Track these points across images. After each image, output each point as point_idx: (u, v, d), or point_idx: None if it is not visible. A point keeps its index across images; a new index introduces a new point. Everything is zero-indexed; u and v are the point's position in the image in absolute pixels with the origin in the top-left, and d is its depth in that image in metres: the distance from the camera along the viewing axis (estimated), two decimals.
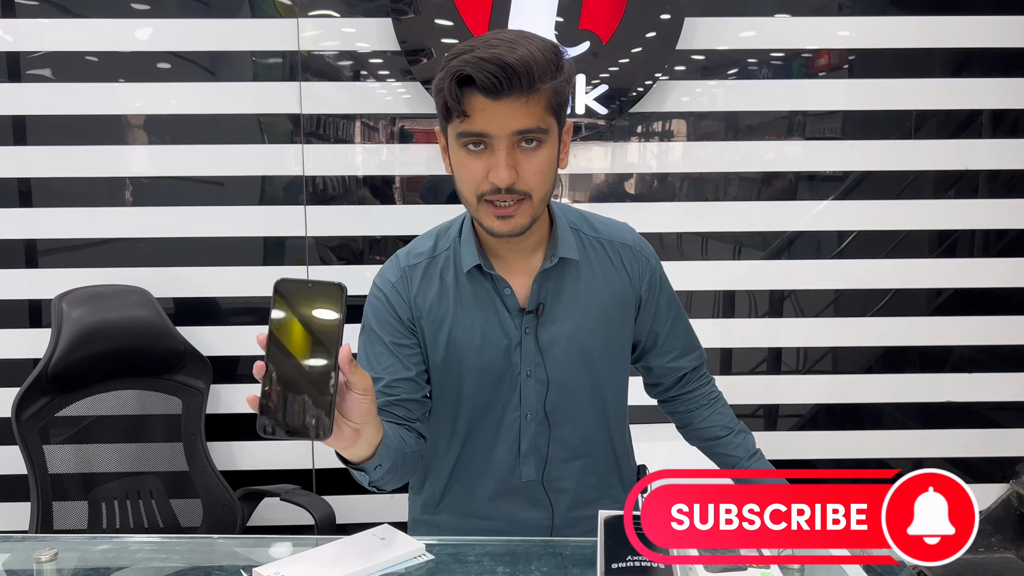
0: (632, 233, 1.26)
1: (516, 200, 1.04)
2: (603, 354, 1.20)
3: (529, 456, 1.19)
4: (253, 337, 2.15)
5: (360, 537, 1.00)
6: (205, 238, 2.16)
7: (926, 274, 2.26)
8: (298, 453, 2.25)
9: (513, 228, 1.06)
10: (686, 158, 2.20)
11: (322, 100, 2.12)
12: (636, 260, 1.22)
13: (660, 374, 1.32)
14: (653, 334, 1.27)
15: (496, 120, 1.00)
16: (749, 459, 1.28)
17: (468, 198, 1.07)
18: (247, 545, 1.13)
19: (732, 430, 1.30)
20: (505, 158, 1.01)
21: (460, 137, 1.03)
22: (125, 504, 1.99)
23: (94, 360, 1.92)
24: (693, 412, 1.32)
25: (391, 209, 2.19)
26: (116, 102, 2.10)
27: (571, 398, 1.19)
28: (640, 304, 1.23)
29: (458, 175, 1.08)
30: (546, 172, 1.06)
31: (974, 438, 2.32)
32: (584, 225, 1.21)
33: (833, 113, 2.20)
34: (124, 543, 1.12)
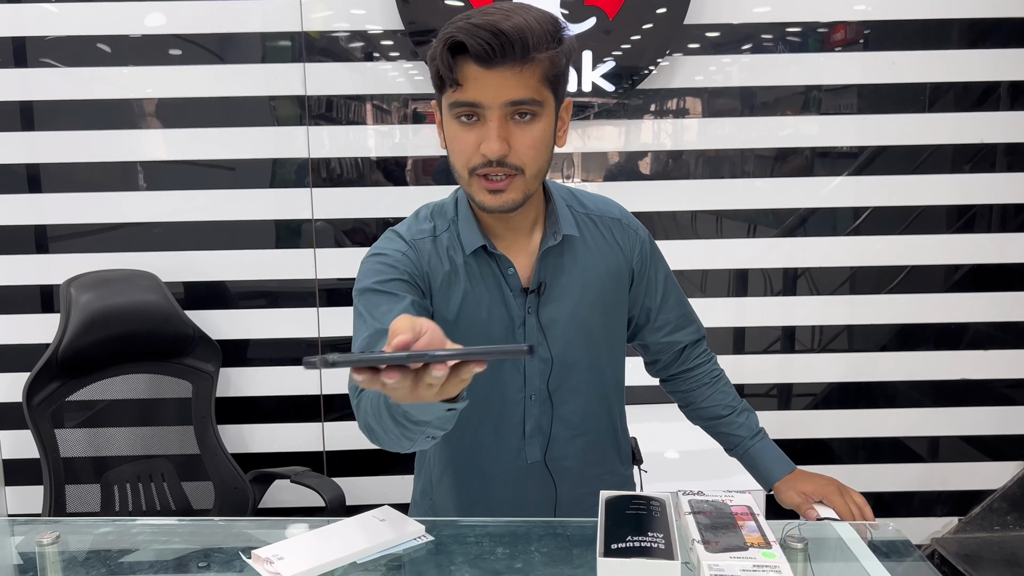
0: (620, 208, 1.25)
1: (507, 175, 1.02)
2: (602, 330, 1.19)
3: (533, 437, 1.17)
4: (262, 321, 2.15)
5: (360, 519, 1.00)
6: (215, 222, 2.16)
7: (942, 250, 2.22)
8: (309, 436, 2.26)
9: (504, 203, 1.03)
10: (699, 136, 2.17)
11: (328, 81, 2.11)
12: (626, 233, 1.21)
13: (657, 350, 1.30)
14: (646, 308, 1.25)
15: (489, 89, 0.98)
16: (753, 438, 1.26)
17: (460, 172, 1.05)
18: (250, 527, 1.12)
19: (735, 409, 1.28)
20: (497, 129, 0.99)
21: (452, 107, 1.01)
22: (137, 487, 2.00)
23: (103, 345, 1.93)
24: (695, 391, 1.31)
25: (403, 191, 2.17)
26: (122, 87, 2.10)
27: (573, 376, 1.17)
28: (633, 277, 1.22)
29: (450, 148, 1.05)
30: (540, 147, 1.03)
31: (990, 416, 2.29)
32: (574, 202, 1.20)
33: (848, 88, 2.16)
34: (126, 526, 1.12)
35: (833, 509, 1.17)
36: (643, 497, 0.96)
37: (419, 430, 0.87)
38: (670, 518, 0.92)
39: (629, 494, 0.97)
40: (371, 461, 2.27)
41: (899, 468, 2.32)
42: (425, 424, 0.85)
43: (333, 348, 2.22)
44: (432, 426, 0.86)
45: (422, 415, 0.83)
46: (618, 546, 0.85)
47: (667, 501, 0.96)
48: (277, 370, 2.23)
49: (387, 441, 0.94)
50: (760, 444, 1.26)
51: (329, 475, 2.25)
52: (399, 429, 0.88)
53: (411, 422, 0.86)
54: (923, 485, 2.32)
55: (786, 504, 1.24)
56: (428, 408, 0.80)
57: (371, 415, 0.93)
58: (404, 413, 0.84)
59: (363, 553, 0.96)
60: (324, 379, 2.23)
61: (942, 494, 2.33)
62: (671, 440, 1.95)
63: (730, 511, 0.93)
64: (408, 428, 0.87)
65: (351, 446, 2.27)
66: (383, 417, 0.89)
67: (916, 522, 2.33)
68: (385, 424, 0.90)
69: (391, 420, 0.88)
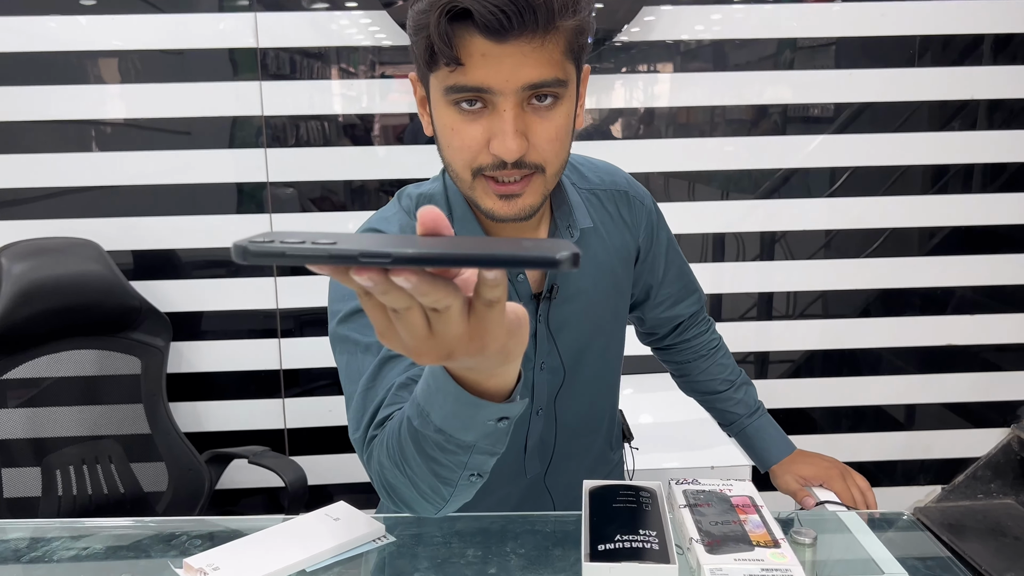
0: (624, 176, 1.08)
1: (524, 175, 0.81)
2: (611, 322, 1.04)
3: (535, 451, 1.03)
4: (215, 292, 2.00)
5: (311, 518, 0.87)
6: (166, 185, 2.00)
7: (924, 212, 2.13)
8: (268, 413, 2.13)
9: (520, 211, 0.83)
10: (672, 93, 2.05)
11: (282, 34, 1.95)
12: (632, 207, 1.05)
13: (654, 324, 1.18)
14: (647, 286, 1.12)
15: (501, 70, 0.76)
16: (751, 416, 1.16)
17: (460, 172, 0.83)
18: (184, 527, 0.97)
19: (733, 383, 1.18)
20: (513, 122, 0.77)
21: (450, 92, 0.79)
22: (82, 470, 1.87)
23: (40, 319, 1.78)
24: (691, 363, 1.20)
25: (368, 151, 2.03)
26: (55, 39, 1.92)
27: (581, 382, 1.03)
28: (638, 255, 1.08)
29: (445, 142, 0.83)
30: (563, 138, 0.83)
31: (974, 382, 2.23)
32: (575, 176, 1.03)
33: (828, 41, 2.04)
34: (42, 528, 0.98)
35: (834, 494, 1.08)
36: (631, 487, 0.86)
37: (460, 460, 0.65)
38: (663, 512, 0.82)
39: (616, 484, 0.87)
40: (335, 439, 2.16)
41: (881, 437, 2.25)
42: (468, 448, 0.63)
43: (295, 321, 2.09)
44: (478, 450, 0.64)
45: (463, 431, 0.62)
46: (606, 547, 0.74)
47: (658, 492, 0.86)
48: (232, 343, 2.09)
49: (415, 495, 0.72)
50: (757, 423, 1.16)
51: (291, 454, 2.14)
52: (431, 467, 0.67)
53: (449, 448, 0.63)
54: (905, 454, 2.27)
55: (782, 489, 1.15)
56: (471, 417, 0.60)
57: (389, 463, 0.73)
58: (438, 430, 0.63)
59: (313, 559, 0.83)
60: (285, 353, 2.10)
61: (925, 462, 2.28)
62: (654, 411, 1.86)
63: (730, 503, 0.83)
64: (443, 463, 0.66)
65: (313, 423, 2.14)
66: (408, 453, 0.68)
67: (898, 491, 2.28)
68: (412, 466, 0.69)
69: (419, 455, 0.67)
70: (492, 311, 0.46)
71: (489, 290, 0.45)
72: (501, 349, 0.50)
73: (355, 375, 0.85)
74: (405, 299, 0.44)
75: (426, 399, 0.62)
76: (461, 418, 0.60)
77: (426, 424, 0.63)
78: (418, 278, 0.42)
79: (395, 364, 0.82)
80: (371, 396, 0.81)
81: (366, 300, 0.46)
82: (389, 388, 0.80)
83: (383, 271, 0.42)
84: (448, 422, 0.61)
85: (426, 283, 0.42)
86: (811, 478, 1.13)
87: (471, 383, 0.57)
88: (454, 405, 0.59)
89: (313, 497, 2.14)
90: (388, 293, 0.43)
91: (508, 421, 0.61)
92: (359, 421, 0.82)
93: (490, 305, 0.46)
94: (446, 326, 0.46)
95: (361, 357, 0.85)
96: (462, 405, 0.58)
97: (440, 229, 0.43)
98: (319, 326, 2.08)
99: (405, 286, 0.42)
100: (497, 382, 0.57)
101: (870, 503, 1.09)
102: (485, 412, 0.58)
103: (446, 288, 0.43)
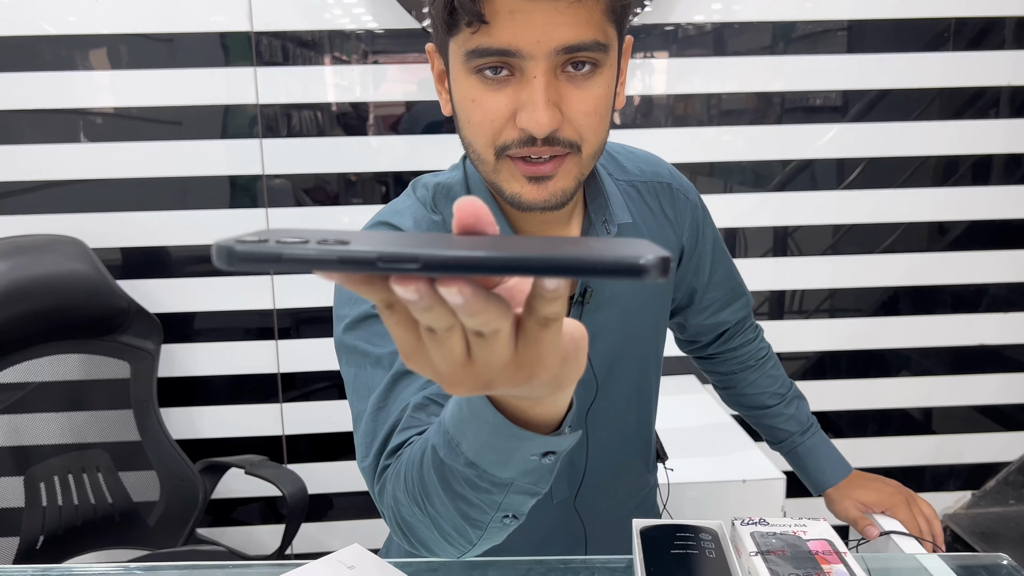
0: (667, 167, 0.97)
1: (557, 154, 0.71)
2: (652, 332, 0.93)
3: (563, 473, 0.91)
4: (208, 291, 1.88)
5: (319, 566, 0.76)
6: (155, 178, 1.88)
7: (956, 205, 2.02)
8: (266, 419, 2.02)
9: (551, 196, 0.72)
10: (670, 81, 1.92)
11: (276, 17, 1.83)
12: (676, 201, 0.94)
13: (697, 332, 1.07)
14: (690, 289, 1.01)
15: (531, 30, 0.65)
16: (803, 433, 1.06)
17: (482, 152, 0.73)
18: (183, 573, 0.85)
19: (783, 397, 1.07)
20: (544, 91, 0.67)
21: (472, 57, 0.69)
22: (67, 480, 1.76)
23: (21, 321, 1.67)
24: (736, 374, 1.08)
25: (364, 141, 1.91)
26: (36, 24, 1.79)
27: (616, 396, 0.91)
28: (682, 256, 0.96)
29: (465, 117, 0.73)
30: (602, 112, 0.72)
31: (1006, 384, 2.13)
32: (612, 166, 0.91)
33: (841, 24, 1.93)
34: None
35: (900, 523, 0.98)
36: (689, 528, 0.75)
37: (493, 500, 0.54)
38: (729, 559, 0.71)
39: (671, 523, 0.76)
40: (336, 445, 2.05)
41: (907, 441, 2.15)
42: (504, 487, 0.52)
43: (293, 318, 1.98)
44: (515, 489, 0.53)
45: (500, 466, 0.51)
46: None
47: (720, 534, 0.75)
48: (227, 345, 1.98)
49: (436, 536, 0.61)
50: (810, 441, 1.06)
51: (289, 461, 2.03)
52: (458, 507, 0.56)
53: (481, 486, 0.52)
54: (933, 458, 2.17)
55: (840, 517, 1.04)
56: (511, 451, 0.49)
57: (407, 499, 0.62)
58: (469, 464, 0.52)
59: None
60: (282, 355, 1.99)
61: (955, 467, 2.18)
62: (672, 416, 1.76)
63: (807, 549, 0.72)
64: (474, 503, 0.54)
65: (313, 429, 2.03)
66: (431, 488, 0.57)
67: (927, 497, 2.15)
68: (435, 503, 0.58)
69: (445, 491, 0.56)
70: (547, 332, 0.37)
71: (547, 305, 0.35)
72: (553, 379, 0.40)
73: (364, 391, 0.75)
74: (448, 318, 0.34)
75: (456, 426, 0.52)
76: (498, 451, 0.49)
77: (455, 456, 0.53)
78: (472, 291, 0.32)
79: (410, 380, 0.71)
80: (383, 418, 0.71)
81: (389, 316, 0.36)
82: (404, 409, 0.70)
83: (430, 281, 0.32)
84: (482, 455, 0.51)
85: (480, 300, 0.33)
86: (873, 505, 1.02)
87: (513, 410, 0.47)
88: (491, 436, 0.48)
89: (313, 507, 2.03)
90: (431, 310, 0.33)
91: (554, 457, 0.50)
92: (368, 447, 0.71)
93: (545, 325, 0.36)
94: (489, 353, 0.36)
95: (371, 371, 0.74)
96: (501, 437, 0.48)
97: (482, 225, 0.33)
98: (318, 325, 1.97)
99: (455, 302, 0.32)
100: (544, 410, 0.47)
101: (936, 533, 0.99)
102: (528, 446, 0.48)
103: (499, 308, 0.34)
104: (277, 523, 2.08)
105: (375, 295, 0.34)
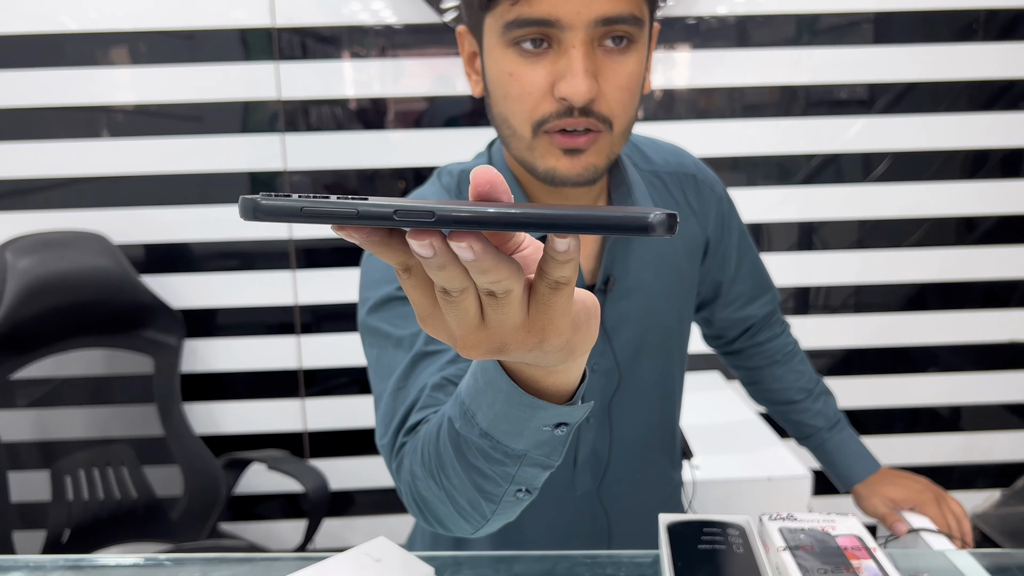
0: (692, 158, 0.96)
1: (591, 128, 0.72)
2: (676, 323, 0.92)
3: (586, 464, 0.91)
4: (231, 286, 1.89)
5: (347, 558, 0.75)
6: (177, 174, 1.89)
7: (973, 200, 1.99)
8: (287, 414, 2.02)
9: (584, 170, 0.73)
10: (694, 73, 1.91)
11: (298, 12, 1.82)
12: (701, 193, 0.93)
13: (724, 326, 1.06)
14: (716, 283, 1.00)
15: (571, 0, 0.68)
16: (831, 428, 1.04)
17: (519, 128, 0.74)
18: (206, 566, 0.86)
19: (810, 392, 1.05)
20: (583, 59, 0.69)
21: (511, 28, 0.71)
22: (93, 474, 1.77)
23: (47, 316, 1.68)
24: (762, 369, 1.07)
25: (383, 136, 1.90)
26: (58, 20, 1.81)
27: (640, 386, 0.91)
28: (707, 248, 0.95)
29: (502, 91, 0.74)
30: (635, 89, 0.74)
31: None
32: (637, 156, 0.91)
33: (867, 16, 1.90)
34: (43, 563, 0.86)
35: (929, 520, 0.96)
36: (717, 523, 0.74)
37: (507, 473, 0.54)
38: (757, 555, 0.69)
39: (698, 519, 0.75)
40: (358, 441, 2.04)
41: (936, 439, 2.12)
42: (517, 458, 0.53)
43: (314, 314, 1.98)
44: (529, 461, 0.53)
45: (514, 437, 0.51)
46: None
47: (748, 529, 0.74)
48: (249, 341, 1.98)
49: (451, 511, 0.62)
50: (838, 437, 1.04)
51: (311, 457, 2.03)
52: (473, 479, 0.56)
53: (495, 457, 0.53)
54: (962, 457, 2.13)
55: (868, 513, 1.02)
56: (524, 421, 0.49)
57: (423, 473, 0.62)
58: (483, 435, 0.52)
59: None
60: (304, 351, 1.99)
61: (983, 466, 2.15)
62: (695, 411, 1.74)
63: (836, 545, 0.70)
64: (488, 475, 0.55)
65: (334, 425, 2.03)
66: (447, 461, 0.58)
67: (956, 496, 2.13)
68: (450, 476, 0.58)
69: (460, 463, 0.56)
70: (558, 296, 0.38)
71: (558, 268, 0.36)
72: (564, 345, 0.41)
73: (385, 372, 0.76)
74: (462, 278, 0.36)
75: (472, 397, 0.53)
76: (512, 421, 0.50)
77: (470, 427, 0.54)
78: (483, 247, 0.34)
79: (430, 361, 0.72)
80: (402, 397, 0.72)
81: (407, 279, 0.38)
82: (423, 388, 0.71)
83: (443, 236, 0.34)
84: (496, 425, 0.51)
85: (491, 255, 0.34)
86: (902, 501, 1.00)
87: (527, 379, 0.47)
88: (504, 405, 0.49)
89: (335, 503, 2.03)
90: (445, 268, 0.35)
91: (567, 428, 0.51)
92: (387, 425, 0.72)
93: (556, 288, 0.37)
94: (503, 315, 0.38)
95: (392, 352, 0.76)
96: (514, 406, 0.49)
97: (497, 192, 0.35)
98: (340, 320, 1.97)
99: (466, 256, 0.34)
100: (557, 380, 0.47)
101: (965, 531, 0.97)
102: (541, 415, 0.49)
103: (510, 267, 0.36)
104: (299, 519, 2.08)
105: (393, 257, 0.36)
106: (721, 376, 1.94)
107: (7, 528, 1.62)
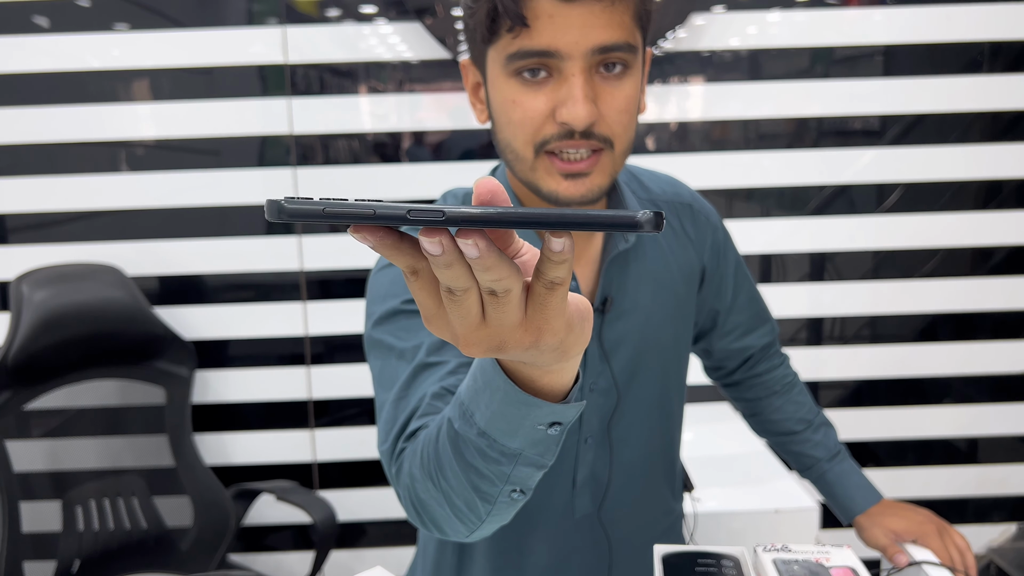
0: (688, 189, 0.99)
1: (593, 149, 0.76)
2: (673, 346, 0.94)
3: (586, 487, 0.92)
4: (242, 318, 1.92)
5: None
6: (192, 207, 1.92)
7: (986, 230, 1.98)
8: (297, 445, 2.03)
9: (588, 191, 0.77)
10: (706, 104, 1.92)
11: (311, 49, 1.86)
12: (697, 221, 0.96)
13: (722, 357, 1.07)
14: (713, 312, 1.01)
15: (570, 31, 0.72)
16: (831, 460, 1.04)
17: (521, 151, 0.78)
18: None
19: (810, 423, 1.05)
20: (583, 87, 0.73)
21: (513, 60, 0.75)
22: (103, 505, 1.78)
23: (61, 348, 1.71)
24: (762, 400, 1.07)
25: (398, 169, 1.93)
26: (74, 56, 1.85)
27: (638, 408, 0.93)
28: (703, 276, 0.97)
29: (506, 118, 0.78)
30: (632, 111, 0.78)
31: None
32: (634, 184, 0.94)
33: (878, 49, 1.91)
34: None
35: (931, 552, 0.95)
36: (711, 554, 0.74)
37: (502, 472, 0.56)
38: None
39: (693, 550, 0.75)
40: (367, 472, 2.05)
41: (950, 471, 2.10)
42: (512, 457, 0.55)
43: (325, 345, 1.99)
44: (523, 460, 0.55)
45: (509, 435, 0.54)
46: None
47: (742, 560, 0.73)
48: (260, 372, 2.00)
49: (448, 513, 0.64)
50: (839, 468, 1.03)
51: (321, 487, 2.04)
52: (470, 478, 0.59)
53: (491, 456, 0.55)
54: (977, 489, 2.10)
55: (870, 544, 1.01)
56: (520, 419, 0.52)
57: (422, 475, 0.65)
58: (481, 433, 0.55)
59: None
60: (314, 382, 2.01)
61: (999, 499, 2.11)
62: (702, 443, 1.73)
63: None
64: (484, 474, 0.57)
65: (344, 456, 2.04)
66: (445, 461, 0.61)
67: (971, 530, 2.09)
68: (448, 476, 0.61)
69: (458, 463, 0.59)
70: (554, 296, 0.41)
71: (553, 268, 0.39)
72: (559, 344, 0.44)
73: (388, 383, 0.79)
74: (466, 277, 0.39)
75: (471, 397, 0.56)
76: (508, 419, 0.53)
77: (469, 426, 0.57)
78: (487, 245, 0.37)
79: (431, 372, 0.75)
80: (403, 406, 0.75)
81: (415, 281, 0.41)
82: (423, 397, 0.74)
83: (451, 236, 0.38)
84: (494, 424, 0.54)
85: (494, 254, 0.38)
86: (904, 533, 0.99)
87: (524, 379, 0.51)
88: (502, 404, 0.52)
89: (344, 534, 2.03)
90: (451, 267, 0.38)
91: (560, 428, 0.54)
92: (388, 432, 0.75)
93: (552, 288, 0.41)
94: (502, 313, 0.41)
95: (395, 363, 0.79)
96: (511, 404, 0.52)
97: (498, 200, 0.38)
98: (350, 351, 1.98)
99: (471, 254, 0.37)
100: (552, 379, 0.50)
101: (969, 564, 0.95)
102: (536, 414, 0.52)
103: (511, 267, 0.39)
104: (307, 550, 2.08)
105: (402, 259, 0.39)
106: (730, 408, 1.94)
107: (18, 558, 1.63)
